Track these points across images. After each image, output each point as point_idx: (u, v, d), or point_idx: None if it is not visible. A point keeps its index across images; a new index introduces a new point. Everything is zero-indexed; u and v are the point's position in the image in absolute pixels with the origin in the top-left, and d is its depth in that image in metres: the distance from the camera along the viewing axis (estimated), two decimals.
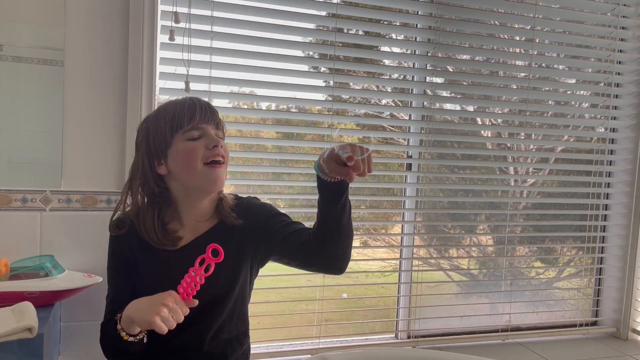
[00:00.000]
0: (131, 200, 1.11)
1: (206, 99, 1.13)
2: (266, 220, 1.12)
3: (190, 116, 1.04)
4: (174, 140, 1.05)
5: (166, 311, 0.89)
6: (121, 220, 1.12)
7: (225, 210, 1.12)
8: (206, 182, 1.06)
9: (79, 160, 1.48)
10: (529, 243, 2.17)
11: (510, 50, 2.04)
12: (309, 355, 1.59)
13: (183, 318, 0.92)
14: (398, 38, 1.87)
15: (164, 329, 0.88)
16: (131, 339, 0.97)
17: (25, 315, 1.09)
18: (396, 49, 1.93)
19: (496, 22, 2.02)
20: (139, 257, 1.10)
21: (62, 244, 1.46)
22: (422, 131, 1.92)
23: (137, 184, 1.10)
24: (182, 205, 1.11)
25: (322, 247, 1.01)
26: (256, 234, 1.12)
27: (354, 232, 1.05)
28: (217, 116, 1.09)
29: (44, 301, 1.25)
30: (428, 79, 1.91)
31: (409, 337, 1.97)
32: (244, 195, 1.21)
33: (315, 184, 0.99)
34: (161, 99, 1.57)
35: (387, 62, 1.95)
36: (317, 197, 0.95)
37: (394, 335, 1.99)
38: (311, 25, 1.77)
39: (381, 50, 1.87)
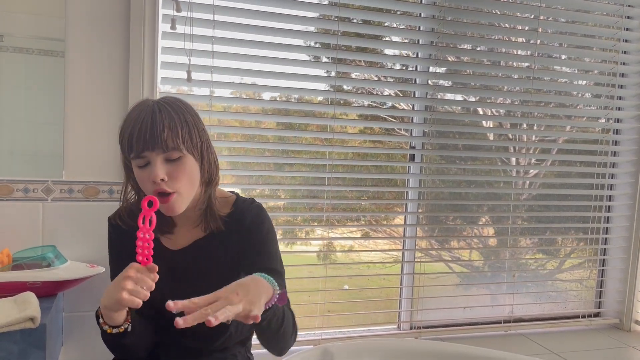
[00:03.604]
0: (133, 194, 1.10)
1: (156, 110, 0.96)
2: (251, 248, 1.07)
3: (130, 146, 0.95)
4: (131, 163, 1.00)
5: (131, 283, 0.84)
6: (124, 210, 1.11)
7: (212, 219, 1.07)
8: (161, 208, 0.98)
9: (81, 151, 1.47)
10: (532, 234, 2.16)
11: (514, 40, 2.03)
12: (312, 346, 1.59)
13: (153, 285, 0.87)
14: (401, 27, 1.85)
15: (135, 301, 0.84)
16: (115, 330, 0.94)
17: (28, 306, 1.09)
18: (399, 39, 1.92)
19: (500, 11, 2.00)
20: None
21: (64, 235, 1.46)
22: (426, 122, 1.90)
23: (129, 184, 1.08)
24: None
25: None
26: (242, 247, 1.08)
27: (358, 222, 1.03)
28: (163, 138, 0.93)
29: (47, 291, 1.25)
30: (432, 69, 1.89)
31: (411, 328, 1.97)
32: (247, 197, 1.15)
33: (318, 175, 0.97)
34: (163, 89, 1.57)
35: (390, 52, 1.93)
36: (319, 188, 0.92)
37: (396, 326, 1.99)
38: (314, 14, 1.76)
39: (384, 39, 1.85)
